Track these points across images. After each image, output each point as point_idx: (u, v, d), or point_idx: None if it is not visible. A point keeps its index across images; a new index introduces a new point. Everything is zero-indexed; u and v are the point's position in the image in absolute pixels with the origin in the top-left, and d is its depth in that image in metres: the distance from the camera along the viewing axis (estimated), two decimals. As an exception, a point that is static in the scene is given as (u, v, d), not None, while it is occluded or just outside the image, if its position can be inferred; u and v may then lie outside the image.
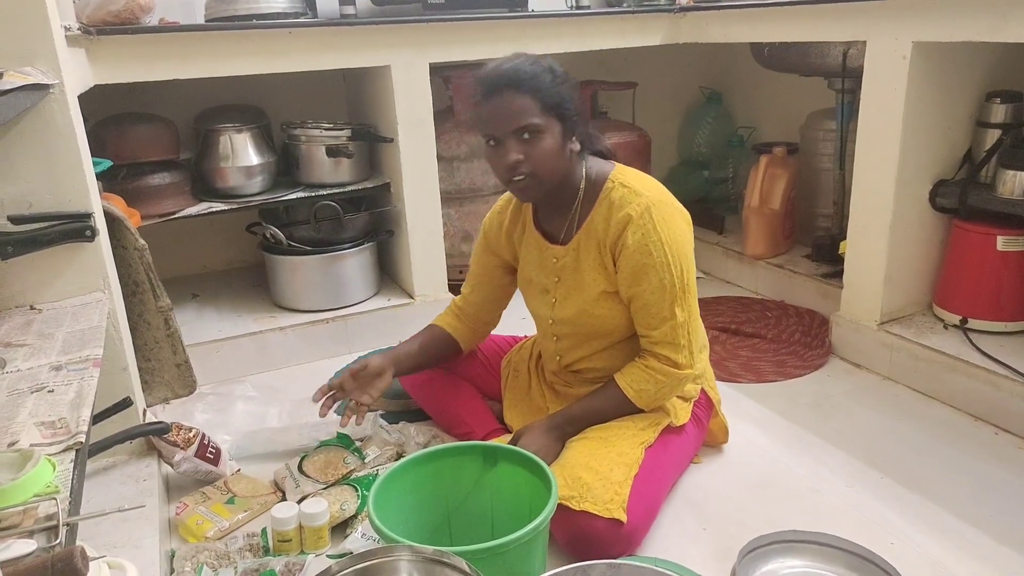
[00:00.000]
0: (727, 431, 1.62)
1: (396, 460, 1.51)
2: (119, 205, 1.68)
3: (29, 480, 0.77)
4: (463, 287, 1.68)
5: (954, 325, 1.90)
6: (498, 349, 1.75)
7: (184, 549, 1.30)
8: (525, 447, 1.32)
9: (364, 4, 2.26)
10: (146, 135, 2.10)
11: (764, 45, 2.39)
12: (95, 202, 1.37)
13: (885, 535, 1.35)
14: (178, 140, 2.19)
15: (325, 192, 2.22)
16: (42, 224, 1.29)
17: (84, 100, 1.47)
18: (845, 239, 2.04)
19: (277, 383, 2.04)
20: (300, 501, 1.39)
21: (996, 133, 1.83)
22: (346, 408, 1.51)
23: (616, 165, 1.44)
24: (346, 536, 1.37)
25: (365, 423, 1.68)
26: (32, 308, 1.33)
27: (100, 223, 1.38)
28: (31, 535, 0.72)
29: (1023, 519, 1.38)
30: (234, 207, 2.14)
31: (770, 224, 2.48)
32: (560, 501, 1.20)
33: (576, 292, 1.45)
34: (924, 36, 1.71)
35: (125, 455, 1.46)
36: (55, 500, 0.76)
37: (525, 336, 1.76)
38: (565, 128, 1.35)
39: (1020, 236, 1.80)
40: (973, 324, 1.86)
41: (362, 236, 2.29)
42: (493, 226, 1.59)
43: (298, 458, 1.58)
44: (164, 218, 2.05)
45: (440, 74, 2.35)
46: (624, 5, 2.50)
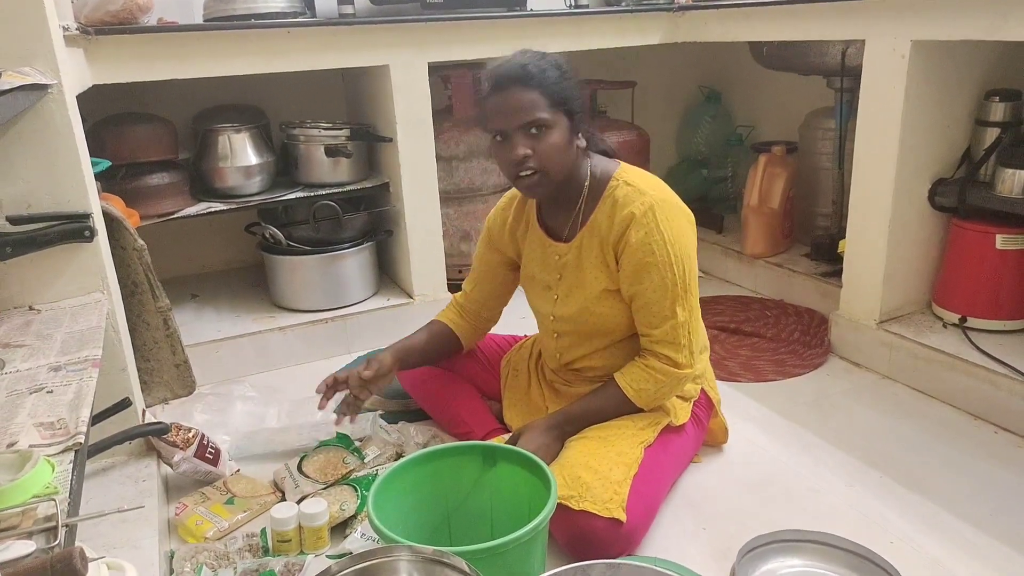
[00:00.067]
0: (727, 431, 1.62)
1: (395, 460, 1.51)
2: (118, 205, 1.68)
3: (28, 481, 0.77)
4: (464, 283, 1.68)
5: (953, 324, 1.90)
6: (498, 348, 1.75)
7: (183, 550, 1.30)
8: (524, 446, 1.32)
9: (363, 4, 2.26)
10: (145, 135, 2.10)
11: (763, 44, 2.39)
12: (94, 202, 1.37)
13: (884, 534, 1.35)
14: (177, 140, 2.18)
15: (324, 192, 2.22)
16: (41, 225, 1.29)
17: (82, 100, 1.46)
18: (844, 238, 2.04)
19: (276, 383, 2.04)
20: (299, 501, 1.39)
21: (995, 131, 1.83)
22: (340, 404, 1.51)
23: (620, 164, 1.44)
24: (345, 536, 1.37)
25: (364, 424, 1.68)
26: (31, 309, 1.33)
27: (99, 223, 1.38)
28: (30, 536, 0.72)
29: (1022, 518, 1.39)
30: (233, 207, 2.14)
31: (769, 223, 2.48)
32: (559, 500, 1.20)
33: (578, 289, 1.45)
34: (923, 35, 1.71)
35: (124, 456, 1.46)
36: (54, 501, 0.76)
37: (525, 335, 1.76)
38: (572, 124, 1.35)
39: (1019, 235, 1.80)
40: (972, 323, 1.87)
41: (361, 236, 2.29)
42: (496, 223, 1.59)
43: (297, 458, 1.58)
44: (163, 218, 2.05)
45: (439, 73, 2.35)
46: (623, 4, 2.49)
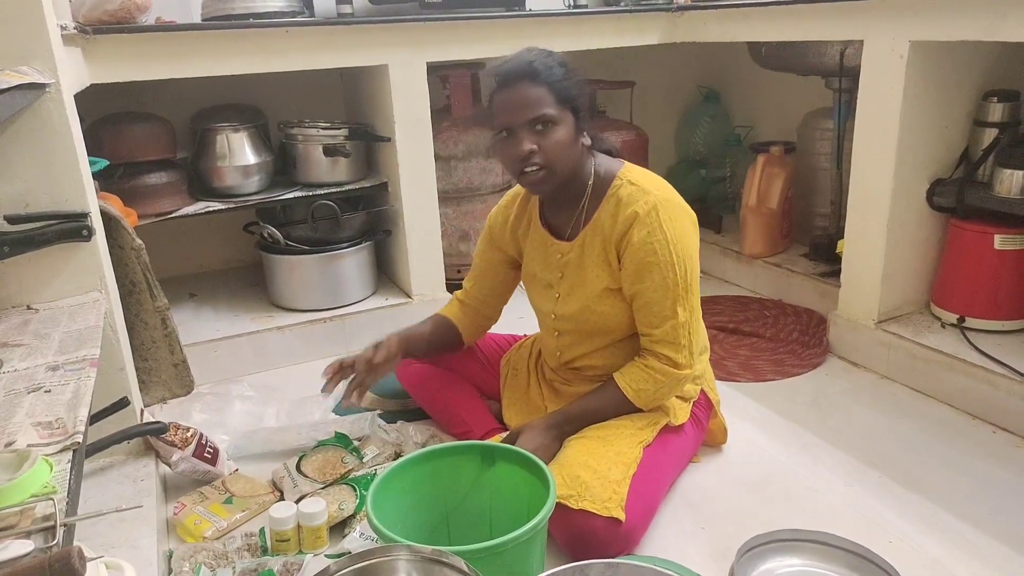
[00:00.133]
0: (726, 432, 1.62)
1: (394, 460, 1.50)
2: (116, 204, 1.68)
3: (26, 480, 0.77)
4: (465, 281, 1.68)
5: (951, 324, 1.90)
6: (497, 348, 1.75)
7: (182, 549, 1.30)
8: (523, 446, 1.32)
9: (361, 3, 2.26)
10: (143, 134, 2.09)
11: (761, 44, 2.39)
12: (92, 201, 1.37)
13: (883, 534, 1.35)
14: (175, 139, 2.18)
15: (322, 191, 2.22)
16: (39, 224, 1.28)
17: (80, 99, 1.46)
18: (843, 238, 2.04)
19: (275, 383, 2.03)
20: (298, 501, 1.38)
21: (993, 132, 1.84)
22: (347, 389, 1.50)
23: (624, 163, 1.44)
24: (344, 536, 1.37)
25: (363, 423, 1.68)
26: (29, 308, 1.32)
27: (97, 223, 1.38)
28: (28, 536, 0.72)
29: (1021, 517, 1.39)
30: (231, 206, 2.14)
31: (768, 223, 2.48)
32: (558, 500, 1.20)
33: (579, 288, 1.45)
34: (921, 35, 1.71)
35: (122, 455, 1.46)
36: (52, 500, 0.75)
37: (524, 335, 1.76)
38: (577, 122, 1.36)
39: (1017, 235, 1.80)
40: (970, 323, 1.87)
41: (359, 235, 2.28)
42: (498, 221, 1.59)
43: (296, 458, 1.57)
44: (161, 217, 2.04)
45: (437, 73, 2.35)
46: (621, 4, 2.49)
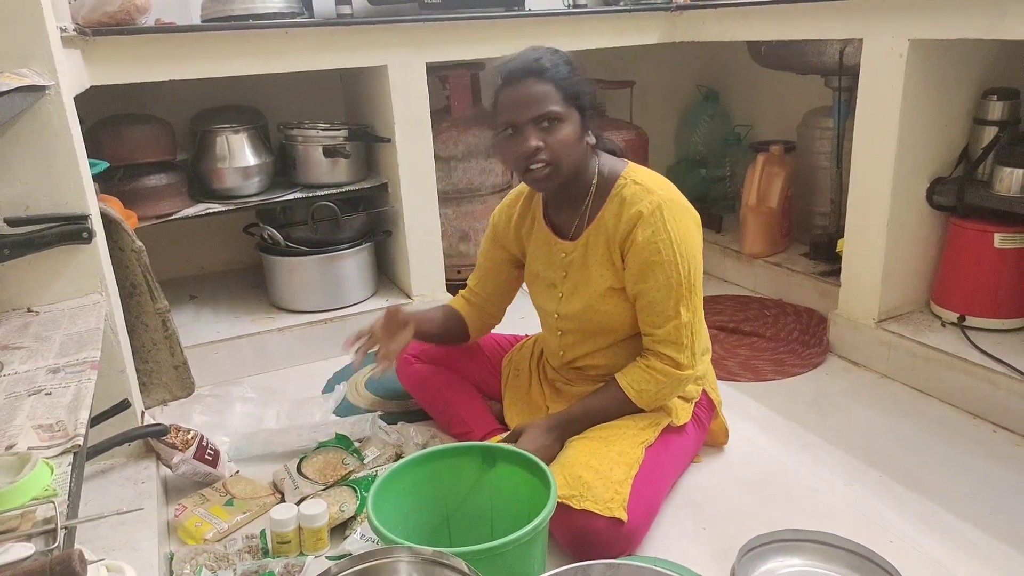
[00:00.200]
0: (727, 432, 1.62)
1: (395, 461, 1.50)
2: (116, 207, 1.67)
3: (27, 483, 0.77)
4: (469, 280, 1.68)
5: (952, 323, 1.90)
6: (498, 348, 1.75)
7: (183, 551, 1.30)
8: (524, 446, 1.32)
9: (360, 4, 2.25)
10: (143, 136, 2.09)
11: (761, 43, 2.39)
12: (92, 204, 1.37)
13: (884, 533, 1.35)
14: (175, 141, 2.18)
15: (322, 192, 2.22)
16: (39, 226, 1.28)
17: (80, 101, 1.46)
18: (842, 237, 2.04)
19: (275, 384, 2.04)
20: (299, 502, 1.38)
21: (993, 130, 1.84)
22: (376, 358, 1.49)
23: (628, 163, 1.44)
24: (345, 537, 1.37)
25: (364, 424, 1.68)
26: (29, 311, 1.32)
27: (97, 225, 1.38)
28: (29, 538, 0.72)
29: (1021, 516, 1.39)
30: (231, 208, 2.14)
31: (767, 222, 2.48)
32: (560, 500, 1.20)
33: (583, 287, 1.45)
34: (921, 34, 1.71)
35: (123, 457, 1.46)
36: (53, 503, 0.75)
37: (526, 335, 1.76)
38: (583, 120, 1.36)
39: (1017, 233, 1.80)
40: (971, 322, 1.87)
41: (360, 236, 2.29)
42: (502, 220, 1.59)
43: (297, 459, 1.57)
44: (161, 219, 2.04)
45: (437, 74, 2.35)
46: (621, 4, 2.49)
